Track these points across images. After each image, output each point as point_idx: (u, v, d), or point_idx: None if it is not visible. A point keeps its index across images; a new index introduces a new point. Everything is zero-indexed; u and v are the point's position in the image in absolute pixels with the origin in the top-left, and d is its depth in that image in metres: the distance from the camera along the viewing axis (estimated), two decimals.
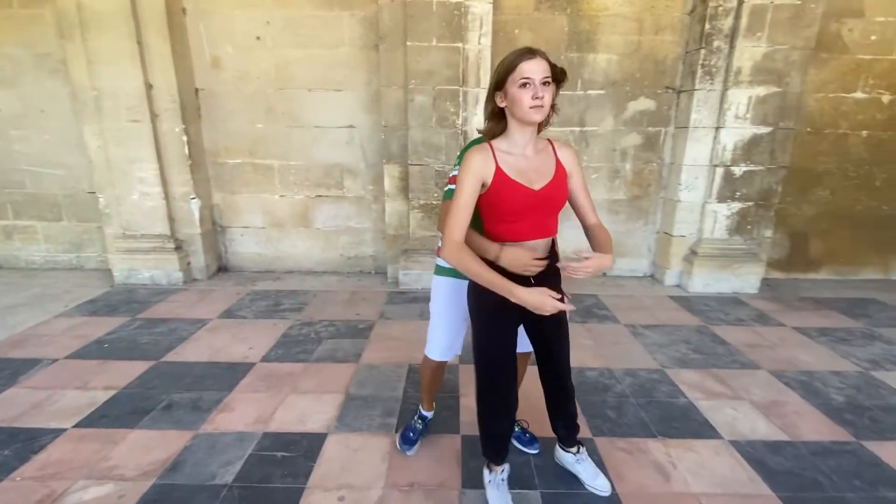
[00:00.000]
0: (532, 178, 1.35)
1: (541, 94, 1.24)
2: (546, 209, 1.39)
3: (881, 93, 3.94)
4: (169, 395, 2.37)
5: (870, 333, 3.19)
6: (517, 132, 1.33)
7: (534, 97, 1.23)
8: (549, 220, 1.42)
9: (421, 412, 2.03)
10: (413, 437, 1.95)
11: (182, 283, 4.02)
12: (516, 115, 1.29)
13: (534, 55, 1.26)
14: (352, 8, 3.80)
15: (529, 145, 1.36)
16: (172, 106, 3.78)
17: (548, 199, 1.36)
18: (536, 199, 1.34)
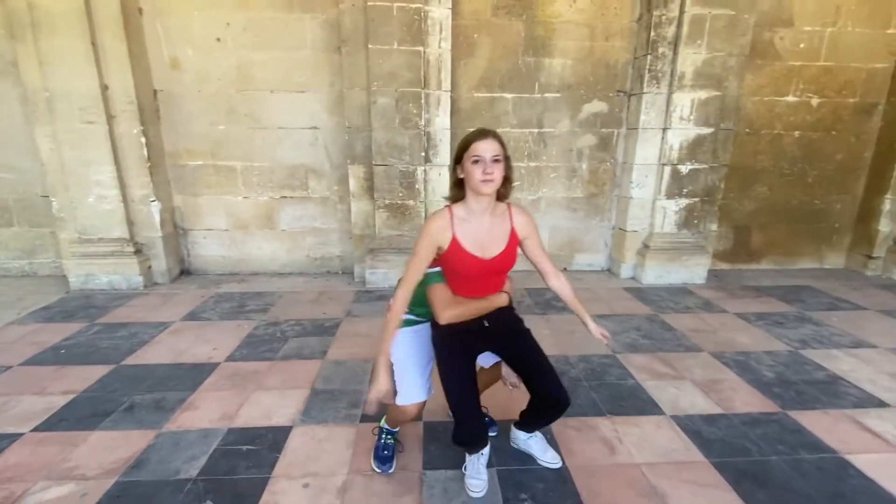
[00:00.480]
0: (485, 247, 1.51)
1: (490, 171, 1.40)
2: (496, 273, 1.57)
3: (810, 96, 4.29)
4: (131, 398, 2.36)
5: (802, 317, 3.48)
6: (473, 201, 1.50)
7: (484, 172, 1.40)
8: (499, 279, 1.63)
9: (387, 428, 1.92)
10: (389, 455, 1.86)
11: (143, 287, 3.95)
12: (471, 186, 1.45)
13: (486, 136, 1.43)
14: (313, 11, 3.84)
15: (486, 213, 1.52)
16: (130, 107, 3.73)
17: (498, 266, 1.54)
18: (487, 267, 1.52)
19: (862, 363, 2.76)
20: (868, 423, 2.18)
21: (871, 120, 4.39)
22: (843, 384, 2.52)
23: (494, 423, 2.10)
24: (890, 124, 4.31)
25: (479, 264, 1.50)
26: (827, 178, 4.53)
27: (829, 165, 4.49)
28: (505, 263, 1.54)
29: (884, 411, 2.27)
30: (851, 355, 2.86)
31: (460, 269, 1.51)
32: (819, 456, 1.95)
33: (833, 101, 4.30)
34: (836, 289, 4.12)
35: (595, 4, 3.95)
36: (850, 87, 4.28)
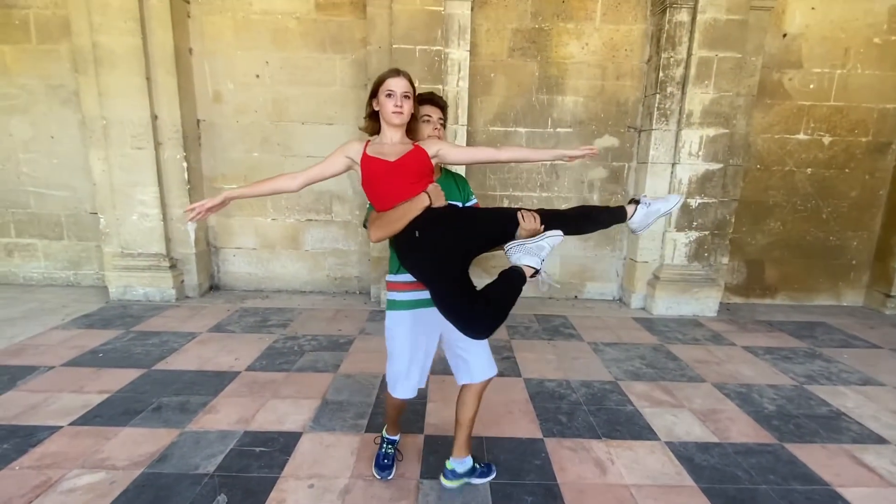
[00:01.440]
0: (388, 154, 1.58)
1: (399, 104, 1.56)
2: (405, 174, 1.55)
3: (822, 135, 4.36)
4: (159, 399, 2.57)
5: (812, 352, 3.47)
6: (386, 131, 1.64)
7: (394, 105, 1.56)
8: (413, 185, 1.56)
9: (387, 437, 2.03)
10: (388, 463, 1.97)
11: (175, 299, 4.24)
12: (383, 117, 1.61)
13: (398, 74, 1.59)
14: (343, 52, 4.20)
15: (395, 140, 1.63)
16: (175, 135, 4.11)
17: (404, 166, 1.55)
18: (393, 168, 1.55)
19: (867, 400, 2.74)
20: (865, 458, 2.18)
21: (885, 158, 4.41)
22: (846, 420, 2.52)
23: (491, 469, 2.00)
24: None
25: (385, 166, 1.55)
26: (842, 214, 4.53)
27: (844, 202, 4.50)
28: (410, 163, 1.56)
29: (882, 448, 2.27)
30: (858, 392, 2.84)
31: (370, 177, 1.58)
32: (810, 488, 1.97)
33: (845, 139, 4.36)
34: (851, 326, 4.07)
35: (606, 47, 4.18)
36: (862, 126, 4.34)
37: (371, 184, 1.59)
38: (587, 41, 4.17)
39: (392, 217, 1.55)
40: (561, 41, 4.17)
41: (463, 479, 1.88)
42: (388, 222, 1.56)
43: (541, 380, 2.87)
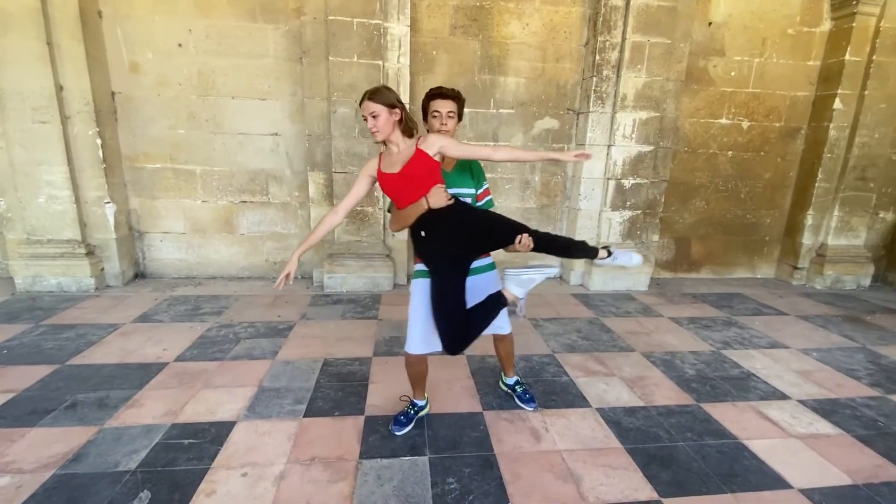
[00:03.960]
0: (395, 164, 1.82)
1: (371, 125, 1.77)
2: (410, 180, 1.79)
3: (741, 119, 4.69)
4: (73, 396, 2.37)
5: (729, 321, 3.78)
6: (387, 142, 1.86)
7: (369, 128, 1.79)
8: (418, 187, 1.80)
9: (414, 402, 2.21)
10: (404, 420, 2.14)
11: (94, 289, 3.91)
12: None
13: (364, 98, 1.76)
14: (276, 22, 3.95)
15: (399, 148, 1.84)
16: (86, 108, 3.72)
17: (407, 174, 1.78)
18: (399, 178, 1.80)
19: (774, 362, 3.04)
20: (769, 413, 2.42)
21: (795, 143, 4.82)
22: (755, 380, 2.78)
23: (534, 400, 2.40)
24: (811, 147, 4.75)
25: (392, 178, 1.81)
26: (757, 194, 4.92)
27: (759, 183, 4.89)
28: (413, 170, 1.77)
29: (784, 403, 2.53)
30: (766, 355, 3.14)
31: (385, 188, 1.86)
32: (721, 441, 2.16)
33: (761, 124, 4.71)
34: (763, 296, 4.47)
35: (546, 28, 4.22)
36: (775, 112, 4.70)
37: (387, 192, 1.88)
38: (528, 21, 4.18)
39: (402, 216, 1.86)
40: (502, 20, 4.16)
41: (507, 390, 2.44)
42: (399, 220, 1.89)
43: (482, 356, 2.93)
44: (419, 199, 1.79)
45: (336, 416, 2.26)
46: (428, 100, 1.97)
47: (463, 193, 1.99)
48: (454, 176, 2.00)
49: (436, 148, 1.80)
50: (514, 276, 1.95)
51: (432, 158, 1.79)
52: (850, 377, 2.85)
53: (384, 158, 1.87)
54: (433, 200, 1.79)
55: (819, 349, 3.26)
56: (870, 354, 3.19)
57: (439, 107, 1.93)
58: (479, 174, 2.09)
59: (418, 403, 2.22)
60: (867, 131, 4.49)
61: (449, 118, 1.93)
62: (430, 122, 1.96)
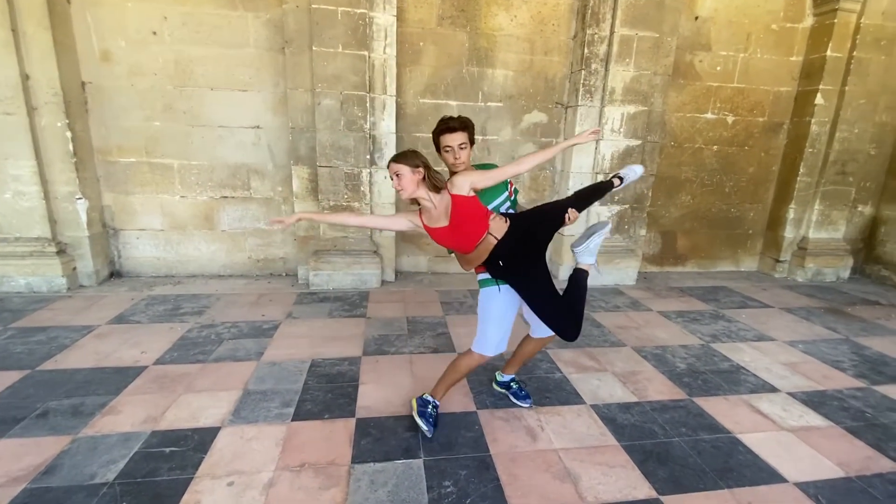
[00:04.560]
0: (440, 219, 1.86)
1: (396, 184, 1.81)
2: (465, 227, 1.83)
3: (726, 114, 4.72)
4: (45, 403, 2.24)
5: (716, 314, 3.81)
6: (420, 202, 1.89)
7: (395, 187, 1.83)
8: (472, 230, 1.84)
9: (431, 399, 2.12)
10: (432, 421, 2.07)
11: (66, 289, 3.73)
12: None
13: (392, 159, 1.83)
14: (256, 10, 3.80)
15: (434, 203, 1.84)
16: (54, 99, 3.52)
17: (458, 223, 1.82)
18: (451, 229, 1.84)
19: (761, 354, 3.07)
20: (760, 406, 2.44)
21: (778, 137, 4.88)
22: (744, 372, 2.80)
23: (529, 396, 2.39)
24: (793, 142, 4.81)
25: (446, 231, 1.86)
26: (741, 188, 4.98)
27: (743, 177, 4.94)
28: (461, 216, 1.81)
29: (774, 395, 2.55)
30: (754, 348, 3.17)
31: (443, 241, 1.90)
32: (715, 436, 2.16)
33: (745, 119, 4.75)
34: (747, 289, 4.54)
35: (535, 20, 4.16)
36: (759, 107, 4.74)
37: (445, 245, 1.94)
38: (516, 13, 4.12)
39: (473, 257, 1.89)
40: (490, 11, 4.09)
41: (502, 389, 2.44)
42: (472, 260, 1.92)
43: None
44: (483, 237, 1.83)
45: (326, 418, 2.18)
46: (437, 135, 1.96)
47: (501, 201, 2.01)
48: (486, 192, 1.98)
49: (466, 188, 1.83)
50: (583, 248, 2.09)
51: (468, 197, 1.82)
52: (835, 368, 2.90)
53: (424, 215, 1.90)
54: (496, 232, 1.84)
55: (804, 341, 3.31)
56: (853, 346, 3.26)
57: (449, 141, 1.91)
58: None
59: (437, 403, 2.14)
60: (847, 126, 4.57)
61: (461, 150, 1.92)
62: (444, 156, 1.96)
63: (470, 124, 1.96)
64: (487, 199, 1.96)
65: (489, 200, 1.97)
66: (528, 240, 1.90)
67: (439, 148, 1.97)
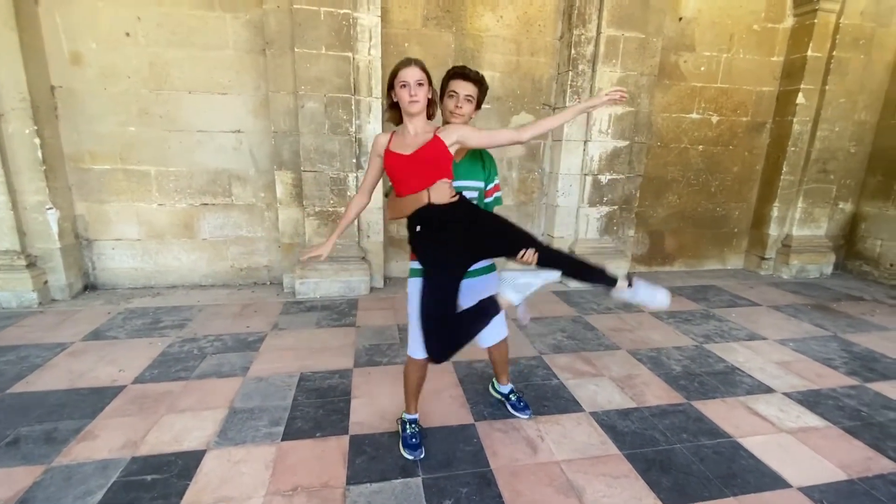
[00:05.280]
0: (408, 146, 1.69)
1: (415, 93, 1.62)
2: (419, 165, 1.66)
3: (711, 114, 4.76)
4: (15, 430, 2.09)
5: (706, 313, 3.82)
6: (407, 122, 1.72)
7: (409, 95, 1.63)
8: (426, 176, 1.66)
9: (407, 418, 2.05)
10: (416, 442, 1.98)
11: (38, 304, 3.54)
12: (402, 108, 1.69)
13: (409, 64, 1.64)
14: (235, 10, 3.68)
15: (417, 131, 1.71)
16: (21, 104, 3.35)
17: (418, 159, 1.66)
18: (409, 161, 1.67)
19: (754, 354, 3.07)
20: (758, 407, 2.42)
21: (761, 137, 4.94)
22: (739, 373, 2.80)
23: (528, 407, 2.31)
24: (775, 141, 4.88)
25: (401, 160, 1.69)
26: (726, 187, 5.03)
27: (728, 176, 4.99)
28: (425, 155, 1.65)
29: (770, 396, 2.54)
30: (746, 347, 3.18)
31: (389, 169, 1.73)
32: (716, 441, 2.13)
33: (729, 119, 4.80)
34: (735, 287, 4.57)
35: (521, 21, 4.13)
36: (742, 107, 4.79)
37: (390, 174, 1.74)
38: (502, 13, 4.08)
39: (399, 205, 1.73)
40: (476, 12, 4.03)
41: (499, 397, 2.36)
42: (396, 209, 1.75)
43: (469, 361, 2.81)
44: (421, 191, 1.66)
45: (318, 437, 2.09)
46: (448, 78, 1.83)
47: (470, 187, 1.86)
48: (463, 167, 1.86)
49: (454, 137, 1.68)
50: (511, 280, 1.74)
51: (448, 149, 1.67)
52: (827, 366, 2.91)
53: (395, 138, 1.74)
54: (435, 195, 1.65)
55: (794, 339, 3.33)
56: (842, 343, 3.29)
57: (457, 87, 1.79)
58: (490, 167, 1.95)
59: (415, 418, 2.06)
60: (828, 125, 4.65)
61: (466, 102, 1.80)
62: (445, 101, 1.83)
63: (485, 85, 1.85)
64: (458, 173, 1.80)
65: (458, 176, 1.80)
66: (460, 232, 1.68)
67: (443, 93, 1.84)
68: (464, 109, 1.79)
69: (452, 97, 1.80)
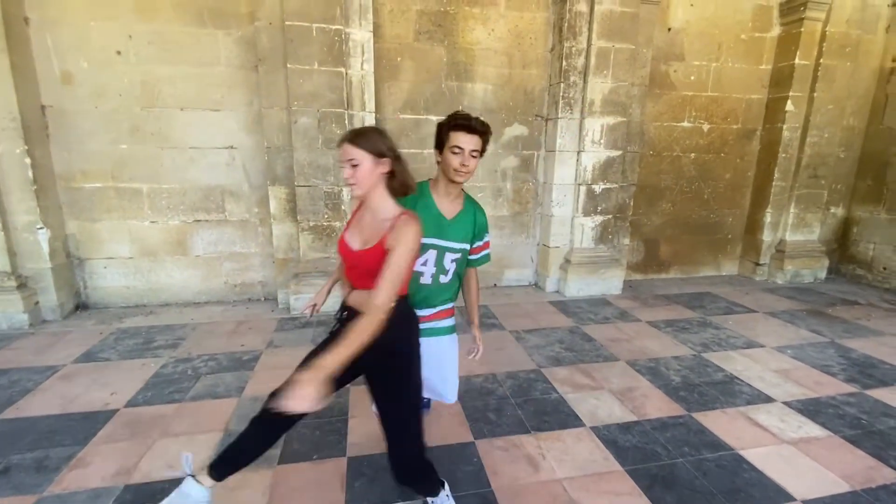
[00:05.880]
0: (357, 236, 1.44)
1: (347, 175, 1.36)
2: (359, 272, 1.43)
3: (701, 122, 4.80)
4: (7, 458, 2.04)
5: (703, 321, 3.82)
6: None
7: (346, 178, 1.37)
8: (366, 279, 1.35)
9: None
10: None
11: (28, 325, 3.48)
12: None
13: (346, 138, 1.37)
14: (227, 27, 3.68)
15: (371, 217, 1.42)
16: (11, 125, 3.32)
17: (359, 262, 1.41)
18: (351, 257, 1.43)
19: (753, 362, 3.07)
20: (758, 418, 2.41)
21: (752, 143, 4.99)
22: (738, 383, 2.79)
23: None
24: (766, 147, 4.93)
25: (347, 252, 1.45)
26: (719, 194, 5.06)
27: (721, 183, 5.03)
28: (363, 262, 1.39)
29: (771, 406, 2.53)
30: (744, 355, 3.17)
31: (339, 250, 1.51)
32: (718, 454, 2.12)
33: (720, 126, 4.85)
34: (731, 294, 4.59)
35: (512, 34, 4.16)
36: (733, 114, 4.85)
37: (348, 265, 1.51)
38: (493, 27, 4.11)
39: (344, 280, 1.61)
40: (468, 26, 4.06)
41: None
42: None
43: (467, 375, 2.79)
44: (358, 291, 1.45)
45: (315, 459, 2.05)
46: (449, 129, 1.58)
47: (453, 248, 1.69)
48: (452, 227, 1.68)
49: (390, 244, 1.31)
50: None
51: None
52: (826, 374, 2.91)
53: (354, 219, 1.50)
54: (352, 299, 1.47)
55: (792, 346, 3.34)
56: (839, 349, 3.29)
57: (463, 142, 1.55)
58: (481, 231, 1.78)
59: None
60: (817, 131, 4.70)
61: (472, 158, 1.57)
62: (447, 157, 1.58)
63: (490, 133, 1.64)
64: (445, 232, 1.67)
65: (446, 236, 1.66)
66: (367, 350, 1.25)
67: (443, 144, 1.60)
68: (470, 166, 1.58)
69: (457, 154, 1.56)
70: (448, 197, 1.69)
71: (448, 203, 1.69)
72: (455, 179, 1.60)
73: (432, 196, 1.68)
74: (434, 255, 1.67)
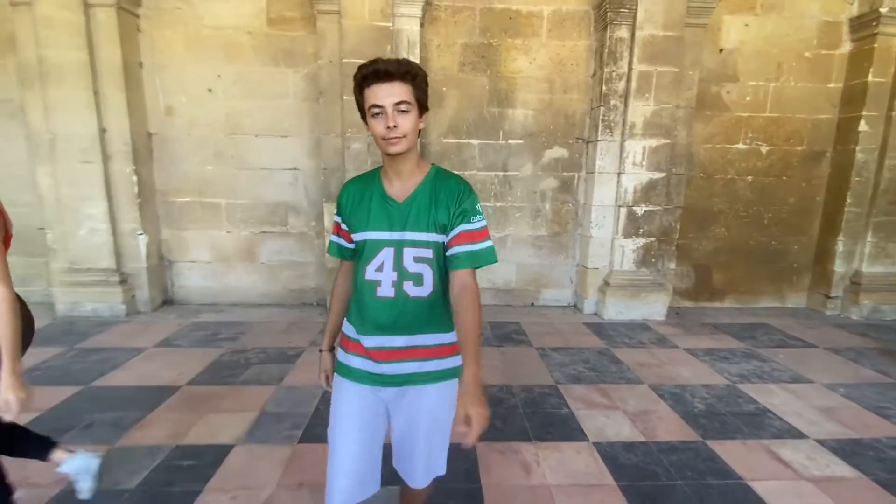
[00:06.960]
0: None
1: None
2: None
3: (759, 144, 4.58)
4: (92, 416, 2.52)
5: (749, 353, 3.60)
6: None
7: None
8: None
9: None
10: None
11: (125, 315, 4.17)
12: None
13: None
14: (296, 66, 4.25)
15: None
16: (124, 148, 4.07)
17: None
18: None
19: (795, 398, 2.87)
20: (781, 453, 2.28)
21: (820, 166, 4.64)
22: (770, 416, 2.63)
23: None
24: (837, 170, 4.56)
25: None
26: (782, 220, 4.74)
27: (783, 208, 4.71)
28: None
29: (800, 442, 2.38)
30: (786, 390, 2.97)
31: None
32: (724, 482, 2.05)
33: (782, 148, 4.58)
34: (792, 327, 4.24)
35: (553, 62, 4.33)
36: (797, 136, 4.56)
37: None
38: (535, 56, 4.31)
39: None
40: (510, 56, 4.30)
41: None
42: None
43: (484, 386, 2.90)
44: None
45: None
46: (361, 88, 1.13)
47: (414, 241, 1.21)
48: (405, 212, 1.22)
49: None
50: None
51: None
52: (878, 416, 2.65)
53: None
54: None
55: (847, 384, 3.06)
56: None
57: (381, 97, 1.09)
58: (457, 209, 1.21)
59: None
60: None
61: (401, 114, 1.11)
62: (371, 126, 1.14)
63: (419, 73, 1.14)
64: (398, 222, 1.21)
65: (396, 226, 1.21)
66: None
67: (364, 110, 1.15)
68: (403, 126, 1.11)
69: (379, 116, 1.12)
70: (399, 177, 1.23)
71: (400, 184, 1.24)
72: (389, 151, 1.15)
73: (382, 181, 1.26)
74: (391, 255, 1.21)
